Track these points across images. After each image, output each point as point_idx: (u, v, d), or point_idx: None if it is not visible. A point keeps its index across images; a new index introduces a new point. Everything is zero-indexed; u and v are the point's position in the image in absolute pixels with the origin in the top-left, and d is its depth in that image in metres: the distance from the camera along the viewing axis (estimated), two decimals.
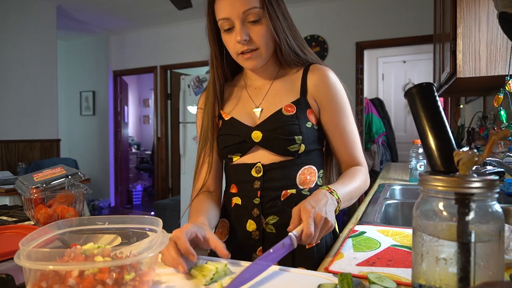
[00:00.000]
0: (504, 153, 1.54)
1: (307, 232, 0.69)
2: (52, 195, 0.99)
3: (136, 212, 5.80)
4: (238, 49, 0.91)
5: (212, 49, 1.00)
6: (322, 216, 0.71)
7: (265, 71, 1.00)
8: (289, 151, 0.92)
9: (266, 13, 0.89)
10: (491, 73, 1.50)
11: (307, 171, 0.95)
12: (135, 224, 0.68)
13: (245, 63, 0.94)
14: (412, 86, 0.57)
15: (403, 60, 5.52)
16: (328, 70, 0.97)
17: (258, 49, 0.91)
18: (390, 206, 1.38)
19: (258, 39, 0.90)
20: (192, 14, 4.61)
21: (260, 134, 0.93)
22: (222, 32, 0.93)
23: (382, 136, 4.52)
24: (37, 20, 4.15)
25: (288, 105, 0.94)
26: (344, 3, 4.21)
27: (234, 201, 0.98)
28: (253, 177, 0.94)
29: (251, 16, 0.88)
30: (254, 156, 0.95)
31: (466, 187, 0.45)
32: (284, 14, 0.94)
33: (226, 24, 0.90)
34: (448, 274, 0.45)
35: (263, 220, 0.93)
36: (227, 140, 0.97)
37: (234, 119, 0.97)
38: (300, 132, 0.91)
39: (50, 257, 0.54)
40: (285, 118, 0.92)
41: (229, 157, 0.99)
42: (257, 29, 0.90)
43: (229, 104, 1.02)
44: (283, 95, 0.97)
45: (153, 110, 5.60)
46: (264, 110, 0.97)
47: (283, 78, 1.00)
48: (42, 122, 4.20)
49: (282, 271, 0.67)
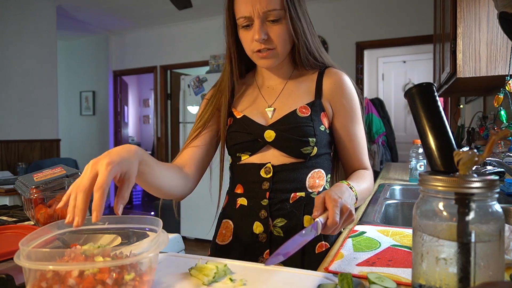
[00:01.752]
0: (504, 153, 1.54)
1: (333, 221, 0.68)
2: (52, 195, 0.99)
3: (136, 212, 5.80)
4: (254, 47, 0.90)
5: (229, 44, 0.97)
6: (348, 208, 0.72)
7: (279, 70, 0.99)
8: (302, 153, 0.90)
9: (288, 15, 0.88)
10: (491, 73, 1.50)
11: (316, 174, 0.94)
12: (135, 224, 0.68)
13: (260, 61, 0.92)
14: (412, 86, 0.57)
15: (403, 60, 5.52)
16: (344, 75, 0.97)
17: (275, 49, 0.90)
18: (390, 206, 1.38)
19: (276, 39, 0.89)
20: (192, 14, 4.61)
21: (273, 134, 0.91)
22: (240, 28, 0.92)
23: (382, 136, 4.52)
24: (37, 20, 4.15)
25: (303, 107, 0.93)
26: (344, 3, 4.21)
27: (240, 202, 0.95)
28: (262, 177, 0.92)
29: (271, 16, 0.87)
30: (264, 156, 0.93)
31: (466, 187, 0.45)
32: (304, 16, 0.93)
33: (245, 21, 0.89)
34: (448, 274, 0.45)
35: (270, 223, 0.91)
36: (237, 137, 0.95)
37: (246, 117, 0.96)
38: (314, 135, 0.90)
39: (50, 257, 0.54)
40: (300, 119, 0.91)
41: (238, 156, 0.97)
42: (276, 29, 0.89)
43: (240, 102, 1.01)
44: (298, 96, 0.96)
45: (153, 110, 5.60)
46: (277, 110, 0.95)
47: (298, 79, 0.99)
48: (42, 122, 4.20)
49: (282, 271, 0.67)
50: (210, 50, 4.62)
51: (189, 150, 0.96)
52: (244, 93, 1.02)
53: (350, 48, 4.19)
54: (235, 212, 0.96)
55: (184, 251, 1.00)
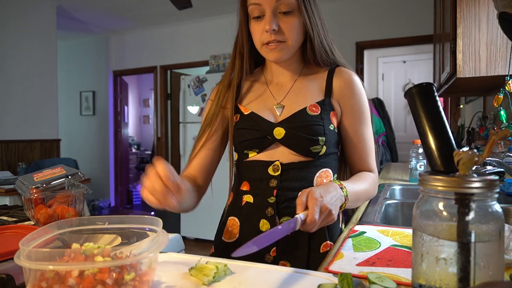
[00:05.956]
0: (504, 153, 1.54)
1: (312, 219, 0.69)
2: (52, 195, 0.99)
3: (136, 212, 5.80)
4: (264, 39, 0.88)
5: (241, 38, 0.96)
6: (328, 208, 0.72)
7: (289, 66, 0.97)
8: (311, 152, 0.90)
9: (302, 6, 0.87)
10: (491, 73, 1.50)
11: (324, 174, 0.93)
12: (135, 224, 0.68)
13: (269, 54, 0.91)
14: (412, 86, 0.57)
15: (403, 60, 5.52)
16: (355, 75, 0.96)
17: (285, 42, 0.88)
18: (390, 206, 1.38)
19: (287, 31, 0.87)
20: (192, 14, 4.61)
21: (283, 131, 0.90)
22: (251, 19, 0.90)
23: (382, 136, 4.52)
24: (37, 20, 4.15)
25: (313, 105, 0.92)
26: (344, 3, 4.22)
27: (245, 199, 0.95)
28: (269, 175, 0.91)
29: (283, 7, 0.86)
30: (272, 154, 0.92)
31: (466, 187, 0.45)
32: (318, 11, 0.92)
33: (256, 11, 0.88)
34: (448, 274, 0.45)
35: (277, 221, 0.90)
36: (245, 134, 0.93)
37: (254, 113, 0.94)
38: (324, 134, 0.90)
39: (50, 257, 0.54)
40: (310, 118, 0.90)
41: (245, 153, 0.95)
42: (288, 21, 0.87)
43: (248, 98, 0.99)
44: (307, 94, 0.95)
45: (153, 110, 5.61)
46: (286, 108, 0.94)
47: (308, 77, 0.98)
48: (42, 122, 4.20)
49: (282, 271, 0.67)
50: (210, 50, 4.62)
51: (199, 159, 0.97)
52: (251, 89, 1.01)
53: (350, 48, 4.19)
54: (241, 209, 0.95)
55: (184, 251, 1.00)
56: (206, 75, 4.03)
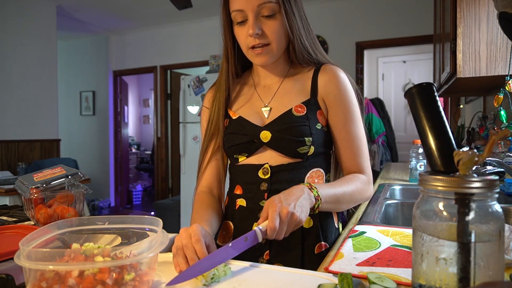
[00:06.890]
0: (504, 153, 1.54)
1: (271, 226, 0.68)
2: (52, 195, 0.99)
3: (136, 212, 5.80)
4: (249, 43, 0.89)
5: (226, 42, 0.97)
6: (288, 211, 0.70)
7: (275, 68, 0.98)
8: (299, 153, 0.89)
9: (282, 9, 0.87)
10: (491, 73, 1.50)
11: (315, 173, 0.93)
12: (135, 224, 0.68)
13: (255, 58, 0.91)
14: (412, 86, 0.57)
15: (403, 60, 5.52)
16: (339, 70, 0.95)
17: (269, 45, 0.89)
18: (390, 206, 1.38)
19: (271, 34, 0.88)
20: (192, 14, 4.61)
21: (269, 134, 0.90)
22: (235, 24, 0.91)
23: (382, 136, 4.52)
24: (37, 20, 4.15)
25: (299, 106, 0.92)
26: (344, 3, 4.22)
27: (239, 203, 0.95)
28: (260, 178, 0.91)
29: (265, 10, 0.87)
30: (262, 157, 0.92)
31: (466, 187, 0.45)
32: (300, 12, 0.92)
33: (239, 17, 0.88)
34: (448, 274, 0.45)
35: None
36: (234, 139, 0.94)
37: (242, 118, 0.95)
38: (310, 134, 0.89)
39: (50, 257, 0.54)
40: (295, 119, 0.90)
41: (235, 157, 0.96)
42: (271, 24, 0.88)
43: (236, 102, 1.00)
44: (293, 95, 0.95)
45: (153, 110, 5.60)
46: (273, 110, 0.94)
47: (294, 77, 0.98)
48: (42, 122, 4.20)
49: (282, 271, 0.67)
50: (210, 50, 4.62)
51: (210, 169, 1.00)
52: (240, 92, 1.01)
53: (350, 48, 4.19)
54: (234, 213, 0.96)
55: None
56: (206, 75, 4.03)
